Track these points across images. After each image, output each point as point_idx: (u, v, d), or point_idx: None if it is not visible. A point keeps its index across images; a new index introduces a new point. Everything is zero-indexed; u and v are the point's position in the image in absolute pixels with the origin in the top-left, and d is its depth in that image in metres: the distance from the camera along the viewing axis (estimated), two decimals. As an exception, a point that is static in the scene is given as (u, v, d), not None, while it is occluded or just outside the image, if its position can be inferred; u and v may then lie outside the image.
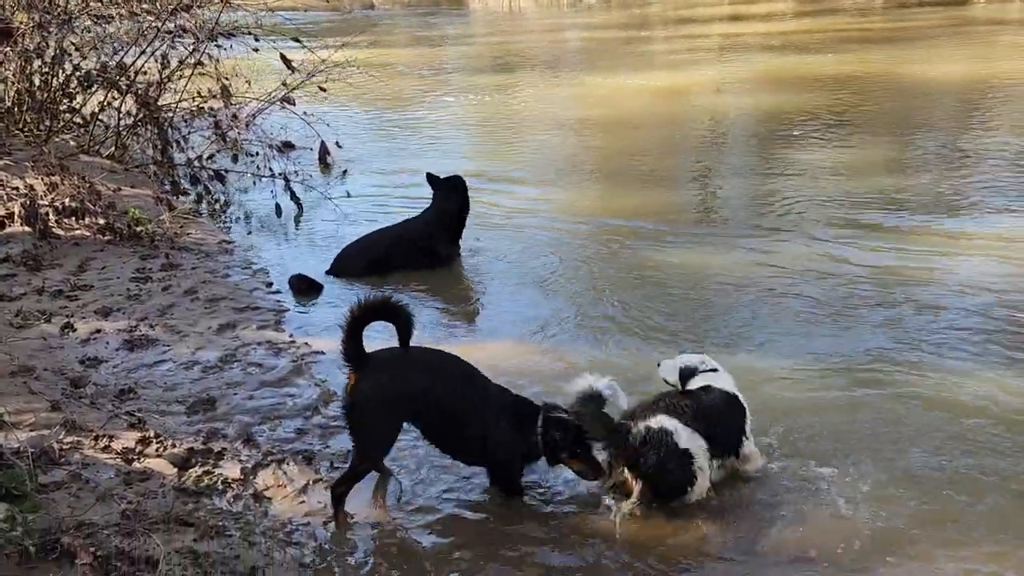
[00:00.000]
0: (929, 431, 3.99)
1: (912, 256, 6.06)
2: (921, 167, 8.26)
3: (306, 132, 8.87)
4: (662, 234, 6.85)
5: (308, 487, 3.72)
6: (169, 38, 8.40)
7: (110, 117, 8.66)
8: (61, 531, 2.99)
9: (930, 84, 11.79)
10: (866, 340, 4.93)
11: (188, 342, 5.02)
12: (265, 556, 3.20)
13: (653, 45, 17.53)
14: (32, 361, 4.49)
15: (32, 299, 5.40)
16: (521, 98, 12.68)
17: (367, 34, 17.84)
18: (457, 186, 6.46)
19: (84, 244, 6.35)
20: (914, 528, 3.37)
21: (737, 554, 3.33)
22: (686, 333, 5.18)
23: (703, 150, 9.69)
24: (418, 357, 3.64)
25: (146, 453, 3.81)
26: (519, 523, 3.55)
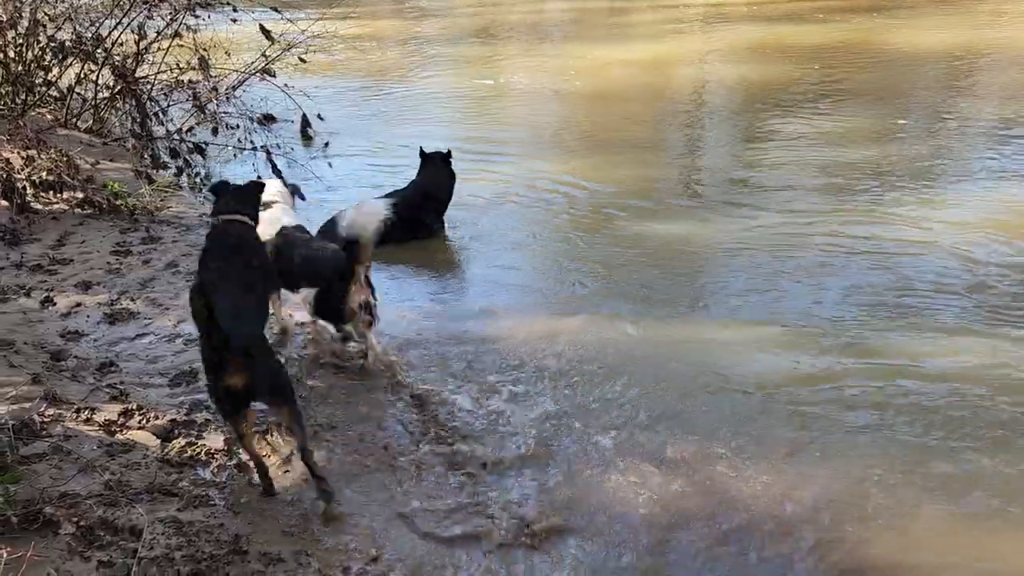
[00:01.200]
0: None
1: (896, 224, 6.10)
2: (906, 136, 8.28)
3: (287, 104, 8.76)
4: (645, 204, 6.85)
5: (292, 456, 3.72)
6: (145, 8, 8.25)
7: (87, 90, 8.53)
8: (44, 501, 2.99)
9: (915, 53, 11.79)
10: (840, 307, 4.98)
11: (169, 315, 4.99)
12: (249, 524, 3.22)
13: (637, 16, 17.39)
14: (12, 335, 4.46)
15: (11, 273, 5.36)
16: (504, 70, 12.58)
17: (348, 5, 17.61)
18: (444, 160, 6.46)
19: (63, 218, 6.28)
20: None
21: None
22: (666, 299, 5.22)
23: (687, 121, 9.67)
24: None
25: (128, 425, 3.80)
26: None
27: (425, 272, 5.95)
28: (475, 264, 6.01)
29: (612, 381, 4.33)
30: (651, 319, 4.99)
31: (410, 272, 5.91)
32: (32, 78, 8.33)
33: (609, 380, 4.34)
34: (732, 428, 3.91)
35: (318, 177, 7.59)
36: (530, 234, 6.39)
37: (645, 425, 3.97)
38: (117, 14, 8.30)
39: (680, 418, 4.00)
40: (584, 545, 3.26)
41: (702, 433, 3.87)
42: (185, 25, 8.36)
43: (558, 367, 4.48)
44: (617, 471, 3.64)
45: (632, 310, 5.10)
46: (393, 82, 11.94)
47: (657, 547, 3.24)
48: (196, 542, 3.02)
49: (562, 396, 4.23)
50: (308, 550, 3.14)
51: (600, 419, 4.02)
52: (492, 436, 3.92)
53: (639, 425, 3.97)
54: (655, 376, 4.35)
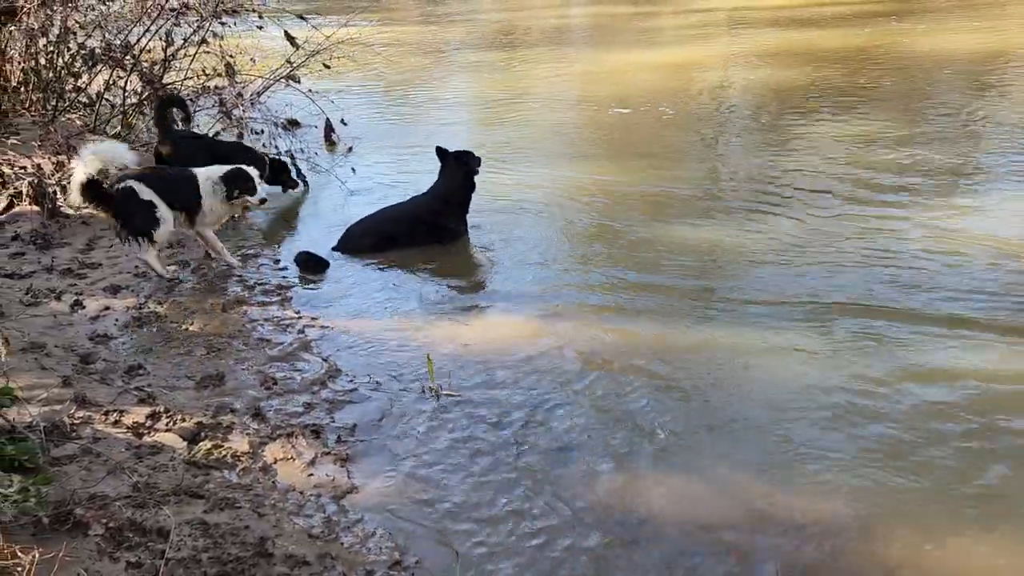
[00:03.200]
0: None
1: (923, 229, 6.03)
2: (931, 139, 8.19)
3: (311, 110, 8.85)
4: (669, 209, 6.83)
5: (316, 460, 3.76)
6: (173, 16, 8.37)
7: (115, 96, 8.67)
8: (74, 503, 3.04)
9: (940, 56, 11.67)
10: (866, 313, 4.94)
11: (196, 318, 5.06)
12: (274, 527, 3.25)
13: (660, 20, 17.38)
14: (43, 338, 4.55)
15: (42, 277, 5.45)
16: (527, 75, 12.61)
17: (372, 11, 17.74)
18: (465, 161, 6.47)
19: (92, 222, 6.38)
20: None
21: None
22: (691, 303, 5.19)
23: (711, 125, 9.63)
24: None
25: (156, 427, 3.86)
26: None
27: (450, 276, 5.96)
28: (499, 269, 6.02)
29: (637, 387, 4.32)
30: (677, 324, 4.96)
31: (435, 276, 5.93)
32: (62, 85, 8.48)
33: (635, 386, 4.33)
34: (763, 437, 3.88)
35: (341, 181, 7.65)
36: (553, 239, 6.39)
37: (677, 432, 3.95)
38: (145, 21, 8.42)
39: (713, 430, 3.97)
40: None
41: (732, 442, 3.85)
42: (212, 32, 8.47)
43: (582, 371, 4.47)
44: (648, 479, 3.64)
45: (656, 315, 5.08)
46: (416, 87, 12.02)
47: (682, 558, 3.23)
48: (222, 544, 3.05)
49: (587, 401, 4.22)
50: (333, 553, 3.16)
51: (629, 426, 4.01)
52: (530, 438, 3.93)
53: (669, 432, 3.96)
54: (685, 384, 4.33)
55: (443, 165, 6.48)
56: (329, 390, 4.36)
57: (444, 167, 6.48)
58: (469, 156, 6.49)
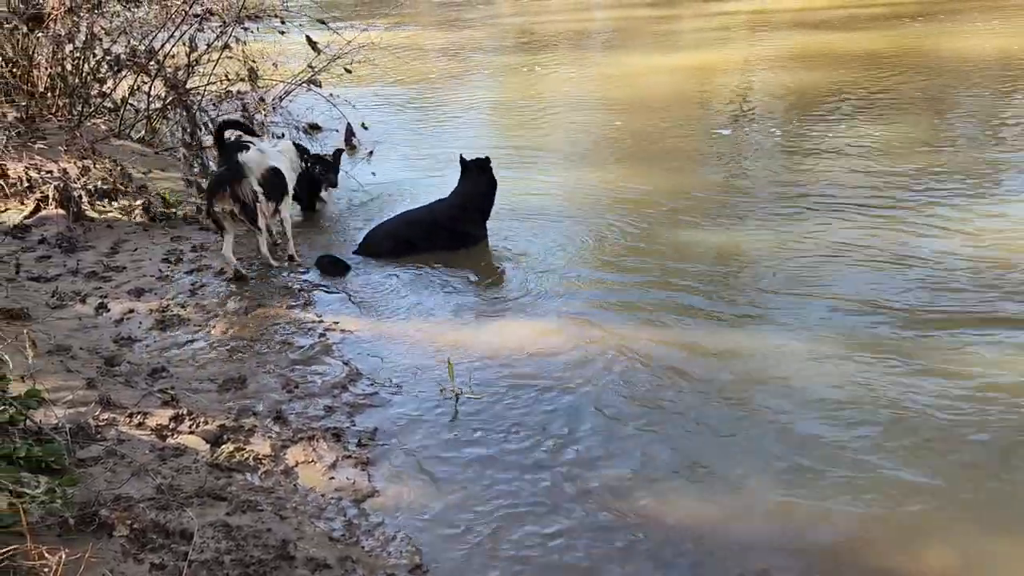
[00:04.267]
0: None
1: (945, 234, 5.97)
2: (955, 145, 8.10)
3: (332, 114, 8.91)
4: (689, 212, 6.79)
5: (337, 463, 3.78)
6: (196, 21, 8.46)
7: (140, 101, 8.77)
8: (99, 504, 3.07)
9: (965, 59, 11.53)
10: (889, 319, 4.89)
11: (218, 321, 5.11)
12: (296, 530, 3.27)
13: (681, 24, 17.32)
14: (68, 340, 4.60)
15: (67, 280, 5.52)
16: (547, 78, 12.61)
17: (393, 16, 17.83)
18: (485, 167, 6.49)
19: (116, 226, 6.45)
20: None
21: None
22: (711, 308, 5.16)
23: (732, 129, 9.58)
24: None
25: (179, 430, 3.89)
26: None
27: (470, 280, 5.97)
28: (519, 273, 6.00)
29: (658, 393, 4.30)
30: (696, 330, 4.94)
31: (455, 280, 5.94)
32: (88, 90, 8.59)
33: (656, 392, 4.31)
34: (784, 446, 3.85)
35: (362, 186, 7.69)
36: (573, 243, 6.36)
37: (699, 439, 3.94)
38: (170, 27, 8.51)
39: (734, 437, 3.95)
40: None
41: (753, 450, 3.83)
42: (235, 37, 8.55)
43: (603, 376, 4.46)
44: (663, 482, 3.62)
45: (676, 320, 5.06)
46: (436, 91, 12.05)
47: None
48: (244, 546, 3.07)
49: (608, 406, 4.21)
50: (353, 556, 3.17)
51: (650, 433, 4.00)
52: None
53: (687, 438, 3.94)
54: (707, 390, 4.31)
55: (464, 171, 6.50)
56: (350, 393, 4.38)
57: (466, 172, 6.50)
58: (487, 162, 6.51)
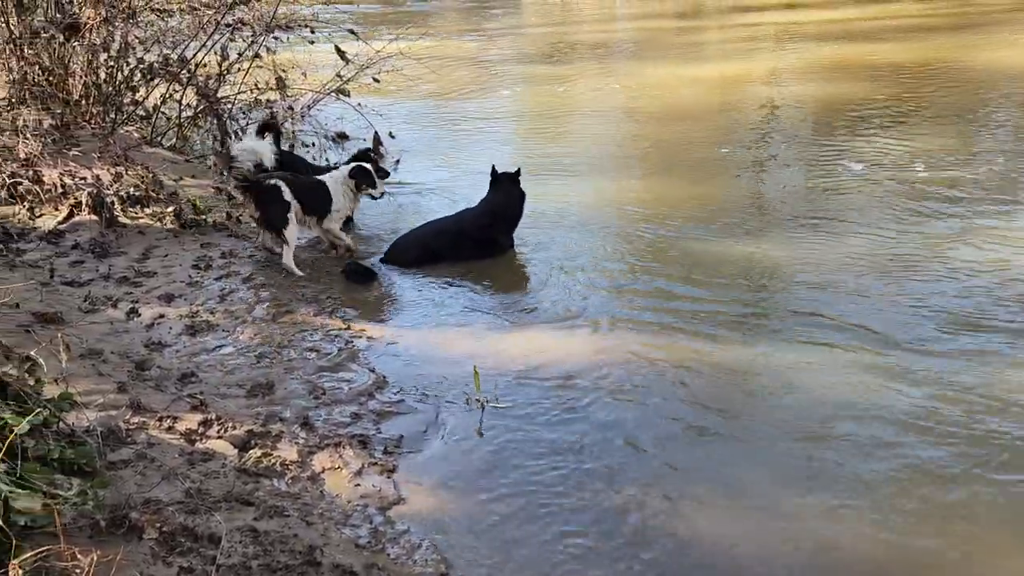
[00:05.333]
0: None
1: (975, 250, 5.89)
2: (988, 158, 7.99)
3: (360, 123, 8.97)
4: (715, 224, 6.76)
5: (363, 470, 3.79)
6: (228, 31, 8.58)
7: (171, 109, 8.90)
8: (129, 507, 3.10)
9: (998, 71, 11.38)
10: (917, 333, 4.83)
11: (247, 327, 5.15)
12: (322, 536, 3.28)
13: (707, 34, 17.28)
14: (100, 344, 4.66)
15: (99, 285, 5.59)
16: (573, 89, 12.62)
17: (420, 26, 17.96)
18: (515, 180, 6.51)
19: (148, 232, 6.54)
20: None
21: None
22: (737, 321, 5.13)
23: (758, 140, 9.53)
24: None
25: (208, 434, 3.92)
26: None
27: (496, 289, 5.98)
28: (545, 282, 5.99)
29: (685, 406, 4.28)
30: (722, 344, 4.90)
31: (481, 289, 5.95)
32: (121, 98, 8.73)
33: (683, 405, 4.29)
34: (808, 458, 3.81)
35: (389, 194, 7.72)
36: (598, 253, 6.36)
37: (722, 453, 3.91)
38: (201, 37, 8.64)
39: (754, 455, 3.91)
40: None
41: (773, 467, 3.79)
42: (265, 47, 8.66)
43: (628, 387, 4.44)
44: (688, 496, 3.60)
45: (703, 331, 5.03)
46: (462, 101, 12.11)
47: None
48: (272, 551, 3.08)
49: (633, 418, 4.19)
50: (379, 564, 3.17)
51: (676, 445, 3.97)
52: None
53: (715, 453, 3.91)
54: (732, 404, 4.28)
55: (495, 182, 6.52)
56: (376, 401, 4.40)
57: (496, 183, 6.52)
58: (519, 174, 6.53)
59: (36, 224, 6.39)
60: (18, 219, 6.40)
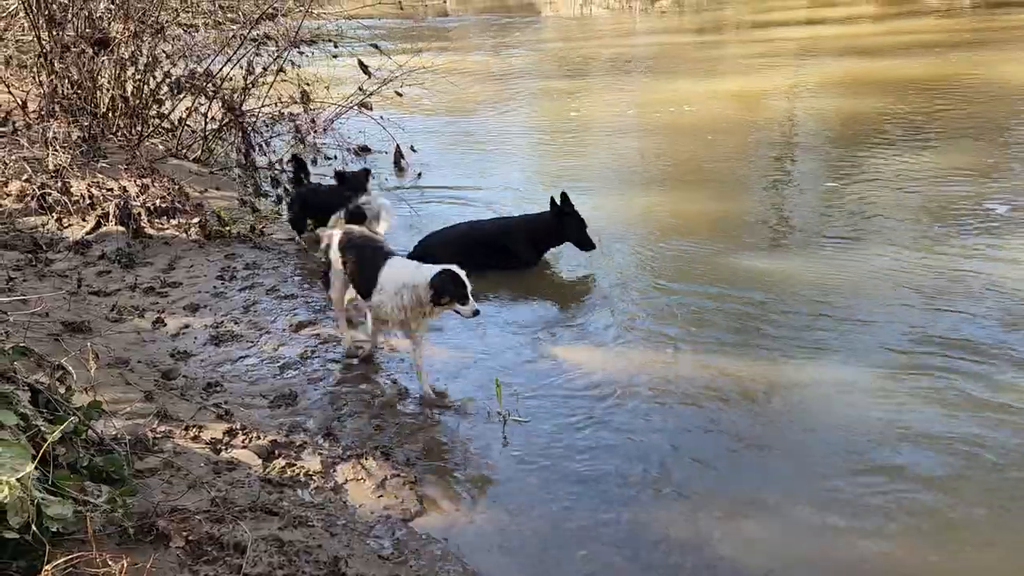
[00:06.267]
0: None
1: (999, 264, 5.84)
2: (1006, 174, 7.92)
3: (382, 136, 9.05)
4: (735, 241, 6.75)
5: (386, 481, 3.81)
6: (254, 46, 8.69)
7: (197, 122, 9.01)
8: (156, 515, 3.13)
9: (1018, 88, 11.30)
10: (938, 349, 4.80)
11: (270, 338, 5.20)
12: (346, 547, 3.30)
13: (726, 49, 17.29)
14: (127, 353, 4.73)
15: (126, 295, 5.67)
16: (591, 103, 12.67)
17: (441, 41, 18.10)
18: (570, 212, 6.46)
19: (174, 243, 6.62)
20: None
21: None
22: (757, 340, 5.11)
23: (777, 155, 9.51)
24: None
25: (233, 444, 3.96)
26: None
27: (519, 301, 5.99)
28: (568, 296, 6.02)
29: (708, 422, 4.27)
30: (748, 359, 4.89)
31: (504, 301, 5.96)
32: (148, 111, 8.86)
33: (706, 422, 4.28)
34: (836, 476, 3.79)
35: (411, 207, 7.79)
36: (620, 267, 6.36)
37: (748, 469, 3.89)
38: (227, 51, 8.75)
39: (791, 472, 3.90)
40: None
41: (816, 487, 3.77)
42: (289, 61, 8.76)
43: (651, 402, 4.44)
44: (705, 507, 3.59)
45: (727, 346, 5.02)
46: (484, 115, 12.18)
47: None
48: (296, 561, 3.10)
49: (655, 433, 4.18)
50: (402, 575, 3.18)
51: (698, 462, 3.97)
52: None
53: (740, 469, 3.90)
54: (758, 420, 4.27)
55: (553, 207, 6.46)
56: (399, 412, 4.42)
57: (553, 209, 6.46)
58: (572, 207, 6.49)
59: (64, 234, 6.50)
60: (47, 229, 6.50)
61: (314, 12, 9.89)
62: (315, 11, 9.91)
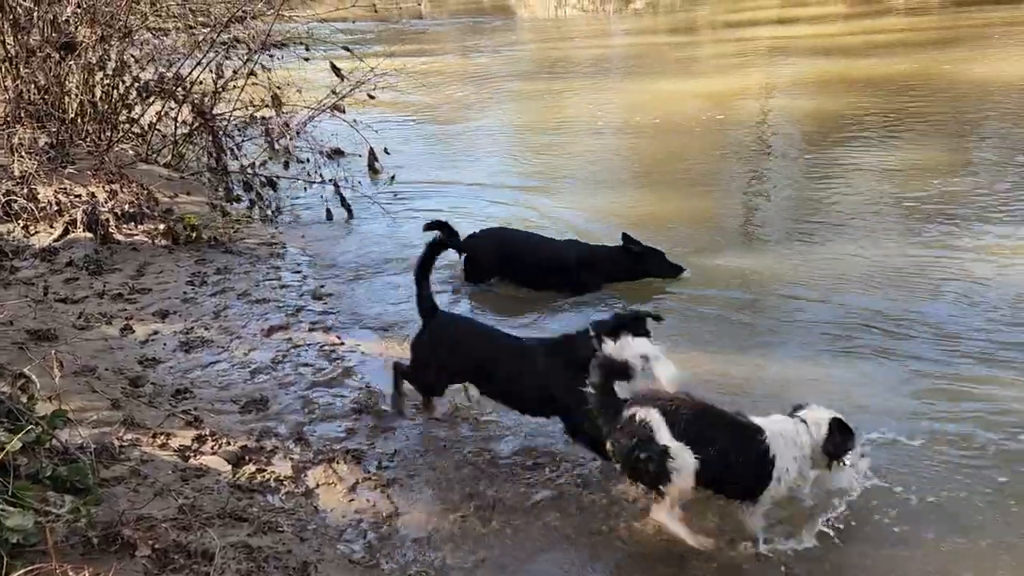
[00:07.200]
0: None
1: (965, 261, 5.92)
2: (977, 170, 8.03)
3: (355, 139, 9.00)
4: (708, 238, 6.79)
5: (357, 485, 3.78)
6: (223, 49, 8.61)
7: (167, 126, 8.91)
8: (122, 524, 3.09)
9: (987, 84, 11.46)
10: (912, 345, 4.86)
11: (241, 343, 5.15)
12: (316, 552, 3.27)
13: (700, 50, 17.38)
14: (94, 361, 4.66)
15: (94, 302, 5.59)
16: (567, 104, 12.69)
17: (415, 43, 18.06)
18: (644, 257, 6.07)
19: (143, 249, 6.54)
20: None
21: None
22: (736, 334, 5.15)
23: (752, 154, 9.58)
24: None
25: (202, 450, 3.92)
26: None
27: (491, 304, 5.98)
28: (541, 297, 6.01)
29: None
30: (725, 354, 4.93)
31: (475, 304, 5.95)
32: (117, 116, 8.74)
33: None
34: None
35: (385, 209, 7.75)
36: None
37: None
38: (197, 55, 8.66)
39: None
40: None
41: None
42: (260, 64, 8.69)
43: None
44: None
45: (703, 343, 5.05)
46: (458, 117, 12.16)
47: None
48: (265, 568, 3.07)
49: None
50: (373, 580, 3.16)
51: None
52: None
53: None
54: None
55: (625, 244, 6.10)
56: (371, 416, 4.40)
57: (626, 249, 6.08)
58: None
59: (31, 242, 6.40)
60: (13, 237, 6.40)
61: (285, 15, 9.82)
62: (286, 14, 9.84)
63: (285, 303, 5.81)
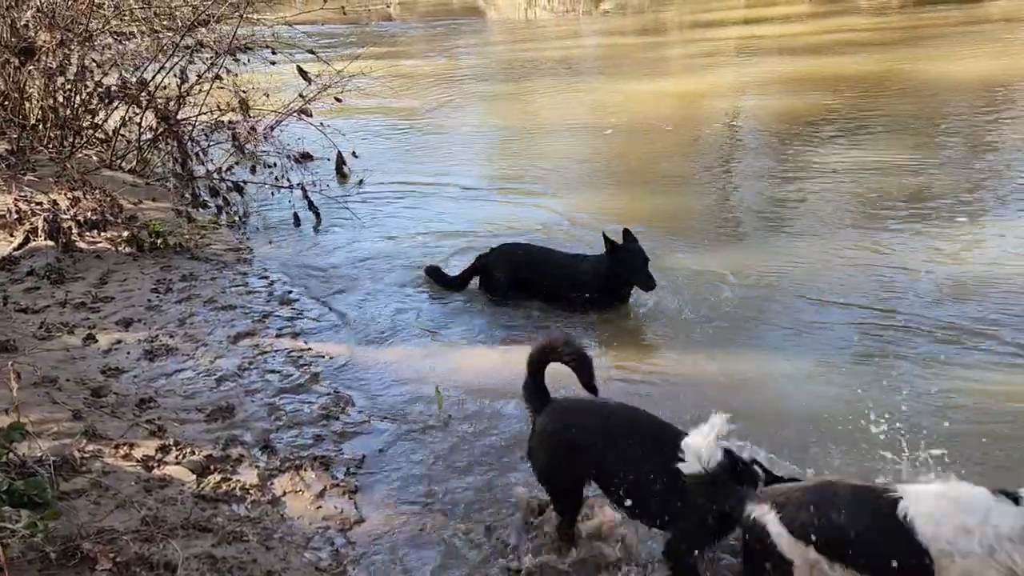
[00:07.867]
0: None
1: (935, 255, 6.01)
2: (942, 166, 8.16)
3: (323, 143, 8.95)
4: (679, 237, 6.82)
5: (325, 492, 3.75)
6: (188, 53, 8.51)
7: (131, 132, 8.79)
8: (81, 537, 3.04)
9: (949, 82, 11.65)
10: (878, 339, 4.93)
11: (207, 351, 5.09)
12: (282, 560, 3.24)
13: (669, 50, 17.48)
14: (55, 372, 4.57)
15: (55, 311, 5.49)
16: (537, 105, 12.70)
17: (384, 45, 17.99)
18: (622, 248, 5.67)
19: (106, 257, 6.45)
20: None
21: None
22: (708, 332, 5.20)
23: (721, 153, 9.66)
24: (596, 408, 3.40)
25: (166, 460, 3.86)
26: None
27: (459, 308, 5.96)
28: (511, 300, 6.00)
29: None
30: (697, 353, 4.96)
31: (444, 309, 5.93)
32: (79, 122, 8.61)
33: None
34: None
35: (354, 213, 7.71)
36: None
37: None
38: (160, 59, 8.56)
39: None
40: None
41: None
42: (225, 68, 8.60)
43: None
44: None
45: (673, 344, 5.08)
46: (427, 119, 12.11)
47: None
48: (229, 578, 3.04)
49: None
50: (340, 588, 3.14)
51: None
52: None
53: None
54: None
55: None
56: (339, 422, 4.37)
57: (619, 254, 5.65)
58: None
59: (-10, 251, 6.28)
60: (-29, 246, 6.28)
61: (253, 17, 9.73)
62: (253, 16, 9.75)
63: (252, 309, 5.75)
